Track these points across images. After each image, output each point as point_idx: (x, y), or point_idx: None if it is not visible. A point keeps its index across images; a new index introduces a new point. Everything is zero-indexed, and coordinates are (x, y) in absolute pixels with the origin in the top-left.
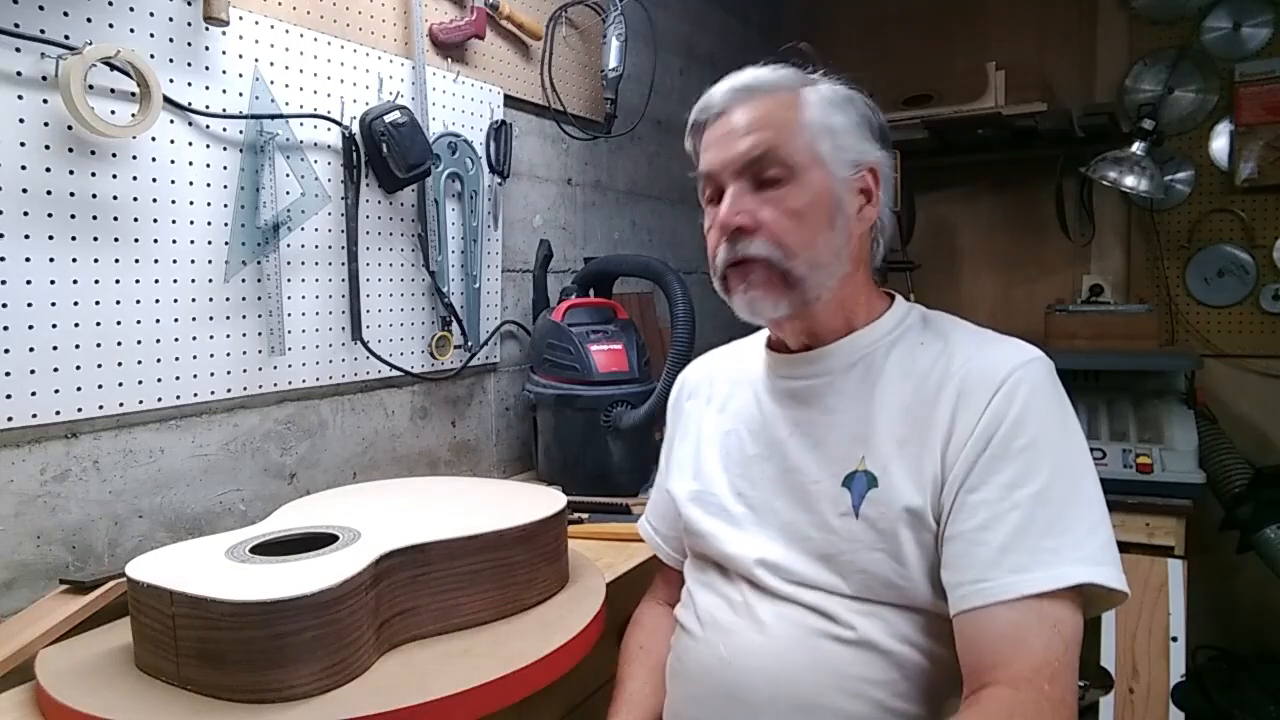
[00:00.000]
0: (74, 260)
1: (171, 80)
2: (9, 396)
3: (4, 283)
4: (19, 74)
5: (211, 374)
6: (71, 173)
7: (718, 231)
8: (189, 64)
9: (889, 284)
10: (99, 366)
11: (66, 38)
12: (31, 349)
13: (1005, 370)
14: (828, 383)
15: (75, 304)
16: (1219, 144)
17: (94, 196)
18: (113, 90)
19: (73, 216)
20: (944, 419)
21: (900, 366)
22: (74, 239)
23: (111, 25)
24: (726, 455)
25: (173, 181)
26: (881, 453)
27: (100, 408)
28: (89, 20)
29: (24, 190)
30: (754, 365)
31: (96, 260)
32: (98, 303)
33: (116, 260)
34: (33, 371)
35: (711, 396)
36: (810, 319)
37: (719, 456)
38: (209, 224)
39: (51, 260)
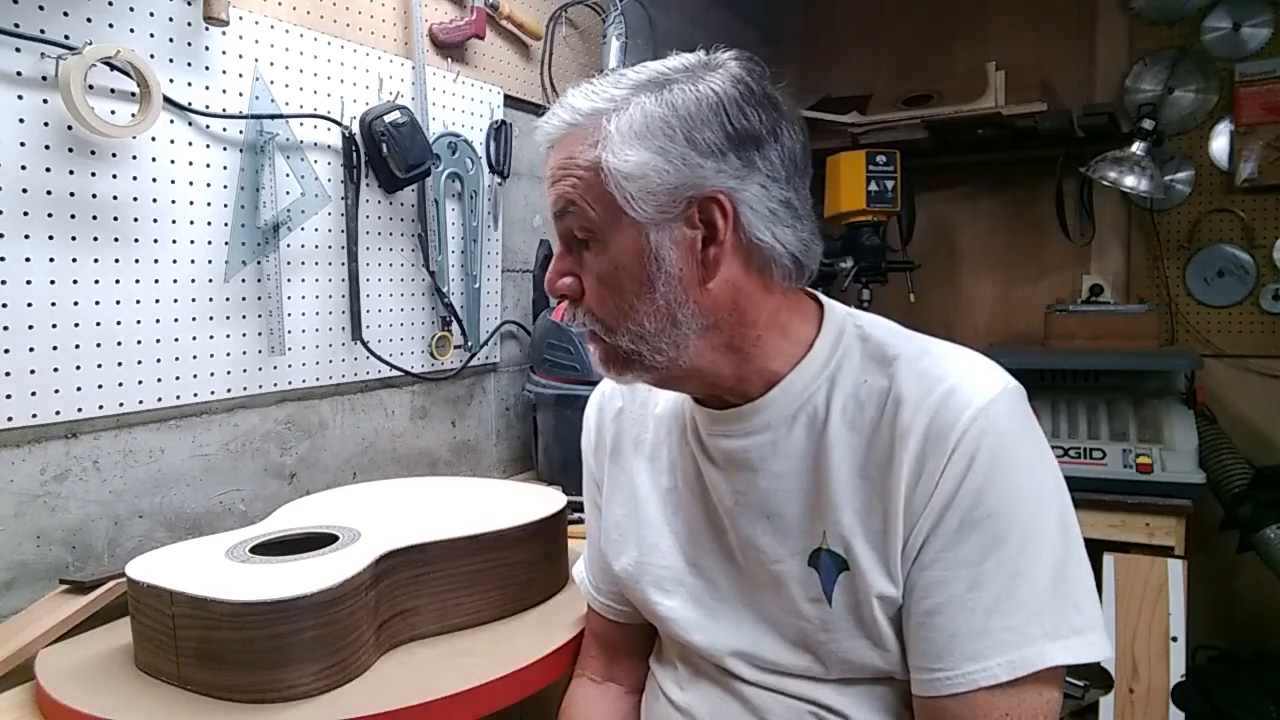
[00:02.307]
0: (74, 260)
1: (171, 80)
2: (9, 396)
3: (4, 283)
4: (19, 74)
5: (211, 374)
6: (71, 173)
7: None
8: (189, 64)
9: (889, 283)
10: (99, 366)
11: (66, 38)
12: (31, 349)
13: (963, 422)
14: (770, 443)
15: (75, 304)
16: (1219, 144)
17: (94, 196)
18: (113, 90)
19: (73, 216)
20: (902, 487)
21: (845, 414)
22: (74, 239)
23: (111, 25)
24: (672, 517)
25: (173, 181)
26: (843, 526)
27: (100, 408)
28: (89, 20)
29: (24, 190)
30: (677, 404)
31: (96, 260)
32: (98, 303)
33: (116, 260)
34: (33, 371)
35: (640, 439)
36: (687, 381)
37: (664, 519)
38: (209, 224)
39: (51, 260)
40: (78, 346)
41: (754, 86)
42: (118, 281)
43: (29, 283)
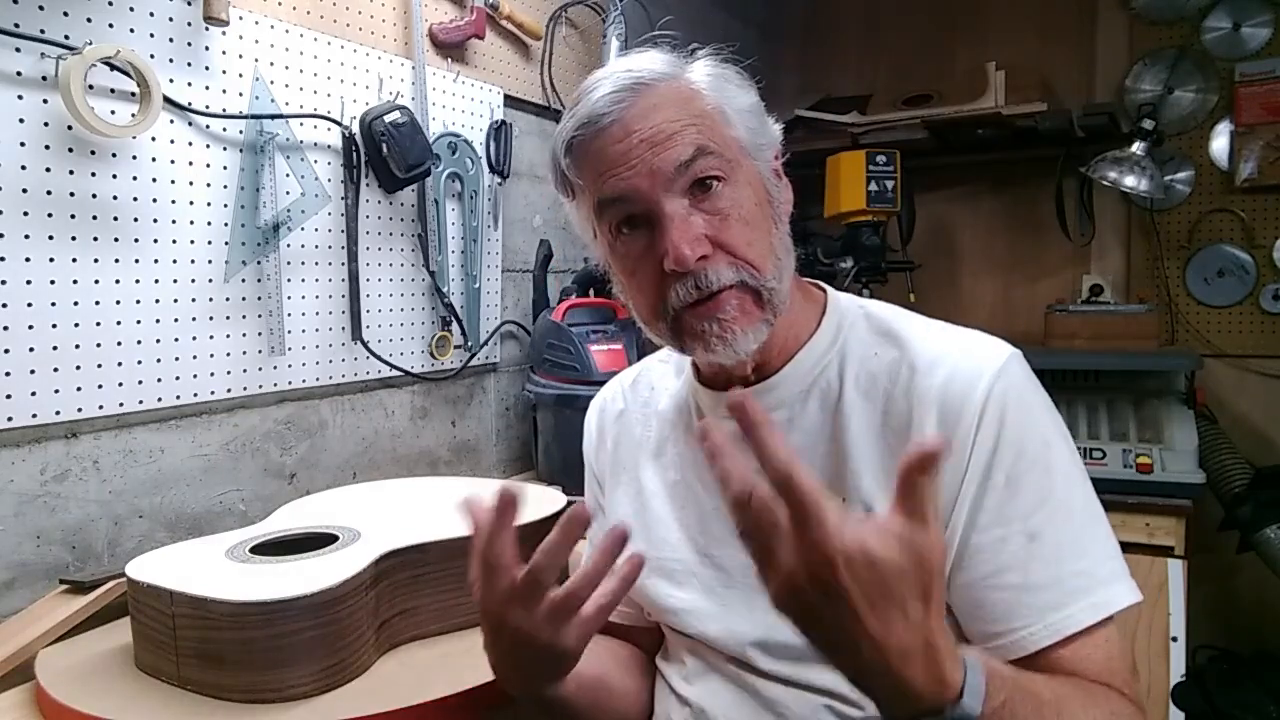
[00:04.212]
0: (74, 260)
1: (171, 80)
2: (9, 396)
3: (4, 283)
4: (19, 74)
5: (211, 374)
6: (71, 173)
7: (661, 270)
8: (189, 64)
9: (889, 283)
10: (99, 366)
11: (66, 38)
12: (31, 349)
13: (984, 385)
14: (786, 418)
15: (75, 304)
16: (1219, 144)
17: (94, 196)
18: (113, 90)
19: (73, 216)
20: None
21: (859, 385)
22: (74, 239)
23: (111, 25)
24: (681, 510)
25: (173, 181)
26: (864, 492)
27: (100, 408)
28: (89, 20)
29: (24, 190)
30: (680, 399)
31: (96, 260)
32: (98, 303)
33: (116, 260)
34: (33, 371)
35: (643, 439)
36: (770, 339)
37: (672, 513)
38: (209, 224)
39: (51, 260)
40: (78, 346)
41: None
42: (118, 281)
43: (29, 283)
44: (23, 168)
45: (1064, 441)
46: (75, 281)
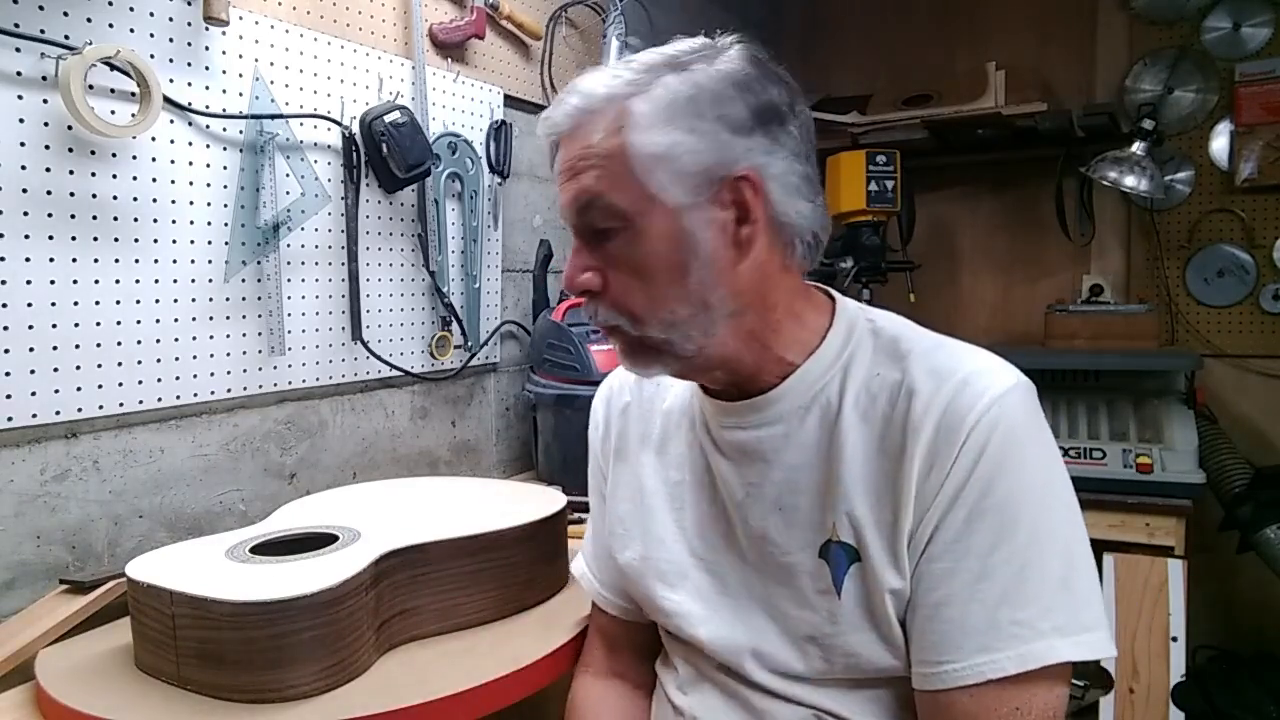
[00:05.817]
0: (74, 260)
1: (171, 80)
2: (9, 396)
3: (4, 283)
4: (19, 74)
5: (211, 374)
6: (71, 173)
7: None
8: (189, 64)
9: (889, 283)
10: (99, 366)
11: (66, 38)
12: (31, 349)
13: (975, 413)
14: (783, 434)
15: (75, 304)
16: (1219, 144)
17: (94, 196)
18: (113, 90)
19: (73, 216)
20: (914, 480)
21: (858, 406)
22: (74, 239)
23: (111, 25)
24: (678, 511)
25: (173, 181)
26: (855, 518)
27: (100, 408)
28: (89, 20)
29: (24, 190)
30: (686, 398)
31: (96, 260)
32: (98, 303)
33: (116, 260)
34: (33, 371)
35: (646, 435)
36: (713, 370)
37: (670, 513)
38: (209, 224)
39: (51, 260)
40: (78, 346)
41: (767, 64)
42: (118, 281)
43: (29, 283)
44: (23, 168)
45: (1044, 482)
46: (75, 281)
